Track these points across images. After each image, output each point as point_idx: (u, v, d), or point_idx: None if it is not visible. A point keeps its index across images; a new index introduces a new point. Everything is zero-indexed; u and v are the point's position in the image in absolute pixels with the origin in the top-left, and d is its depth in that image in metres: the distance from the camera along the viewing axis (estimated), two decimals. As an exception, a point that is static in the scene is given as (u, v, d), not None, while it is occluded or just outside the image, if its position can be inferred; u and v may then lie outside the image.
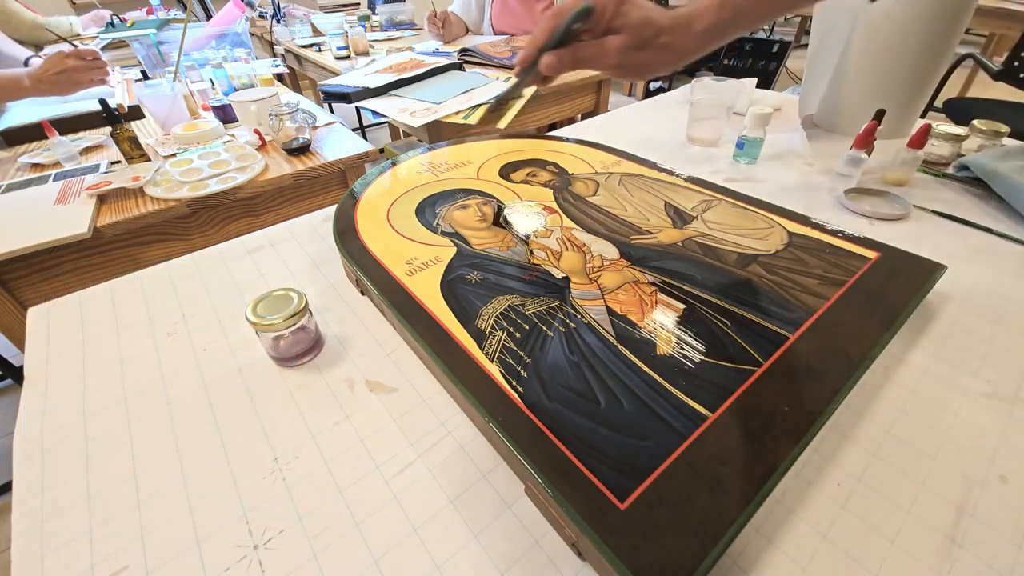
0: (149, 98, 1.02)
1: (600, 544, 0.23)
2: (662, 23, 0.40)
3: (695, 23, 0.40)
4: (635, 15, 0.38)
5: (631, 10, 0.38)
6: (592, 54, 0.39)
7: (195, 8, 2.18)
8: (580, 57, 0.40)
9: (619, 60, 0.39)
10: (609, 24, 0.39)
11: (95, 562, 0.28)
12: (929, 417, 0.32)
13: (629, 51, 0.39)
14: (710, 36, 0.41)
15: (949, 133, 0.60)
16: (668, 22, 0.40)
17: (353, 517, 0.29)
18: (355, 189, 0.56)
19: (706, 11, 0.40)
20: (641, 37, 0.39)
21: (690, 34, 0.40)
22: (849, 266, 0.41)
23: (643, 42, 0.39)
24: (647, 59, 0.40)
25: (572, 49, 0.39)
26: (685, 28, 0.40)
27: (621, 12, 0.38)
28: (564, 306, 0.38)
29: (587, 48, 0.39)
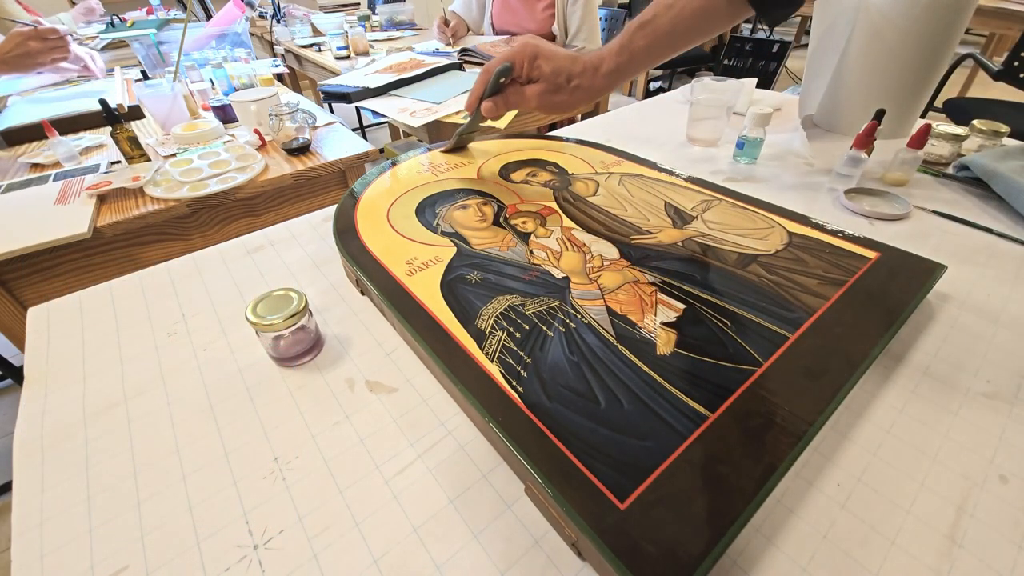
0: (149, 98, 1.02)
1: (600, 544, 0.23)
2: (573, 70, 0.49)
3: (601, 66, 0.50)
4: (547, 67, 0.49)
5: (543, 64, 0.49)
6: (518, 100, 0.51)
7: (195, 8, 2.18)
8: (509, 102, 0.51)
9: (539, 103, 0.50)
10: (528, 75, 0.50)
11: (95, 562, 0.28)
12: (929, 417, 0.32)
13: (546, 95, 0.50)
14: (614, 76, 0.50)
15: (949, 133, 0.60)
16: (578, 68, 0.49)
17: (353, 517, 0.29)
18: (355, 189, 0.56)
19: (609, 56, 0.50)
20: (555, 84, 0.49)
21: (597, 76, 0.50)
22: (849, 266, 0.41)
23: (557, 87, 0.50)
24: (563, 99, 0.51)
25: (503, 96, 0.51)
26: (592, 72, 0.50)
27: (536, 66, 0.49)
28: (564, 306, 0.38)
29: (513, 95, 0.51)
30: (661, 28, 0.48)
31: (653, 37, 0.49)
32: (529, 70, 0.49)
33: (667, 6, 0.48)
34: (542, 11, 1.55)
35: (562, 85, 0.49)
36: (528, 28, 1.58)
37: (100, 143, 1.00)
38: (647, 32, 0.49)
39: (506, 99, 0.51)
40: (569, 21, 1.52)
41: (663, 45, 0.49)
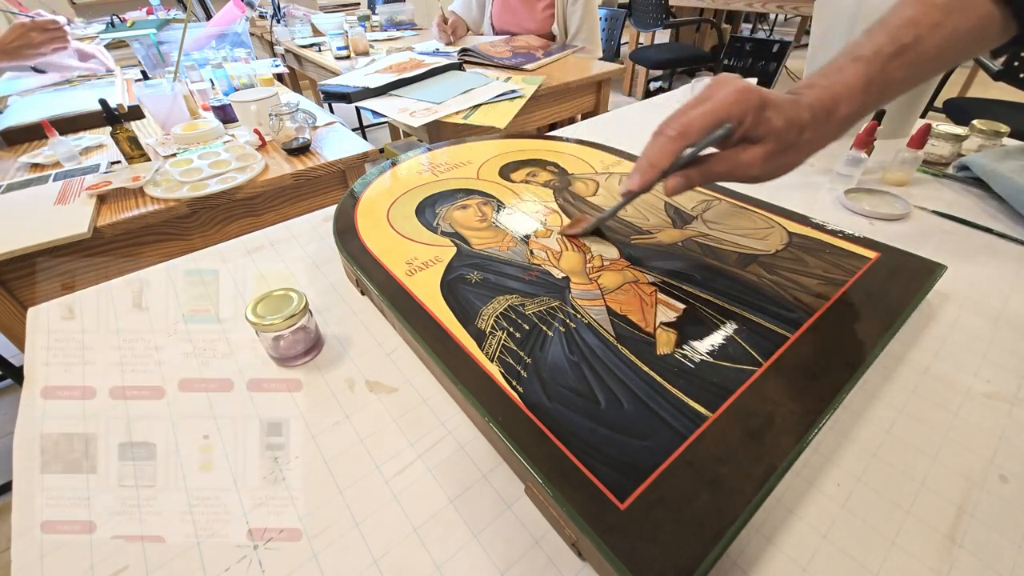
0: (149, 98, 1.02)
1: (600, 544, 0.23)
2: (804, 119, 0.34)
3: (837, 110, 0.35)
4: (778, 122, 0.33)
5: (774, 117, 0.33)
6: (727, 169, 0.36)
7: (195, 8, 2.18)
8: (712, 173, 0.36)
9: (762, 170, 0.35)
10: (750, 133, 0.34)
11: (95, 562, 0.28)
12: (929, 417, 0.32)
13: (774, 157, 0.35)
14: (853, 121, 0.36)
15: (949, 133, 0.60)
16: (809, 116, 0.35)
17: (353, 517, 0.29)
18: (355, 189, 0.56)
19: (849, 95, 0.35)
20: (785, 141, 0.34)
21: (831, 123, 0.35)
22: (849, 266, 0.41)
23: (787, 145, 0.35)
24: (789, 160, 0.36)
25: (702, 169, 0.36)
26: (826, 118, 0.35)
27: (763, 120, 0.33)
28: (564, 306, 0.38)
29: (720, 164, 0.36)
30: (926, 54, 0.35)
31: (915, 68, 0.35)
32: (754, 125, 0.34)
33: (932, 26, 0.35)
34: (542, 11, 1.55)
35: (792, 142, 0.35)
36: (528, 28, 1.58)
37: (100, 143, 1.00)
38: (908, 60, 0.35)
39: (706, 170, 0.36)
40: (569, 21, 1.52)
41: (923, 76, 0.37)
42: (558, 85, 1.20)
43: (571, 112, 1.33)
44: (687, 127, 0.34)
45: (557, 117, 1.30)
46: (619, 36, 2.29)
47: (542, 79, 1.17)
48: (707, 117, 0.33)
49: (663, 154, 0.35)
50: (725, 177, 0.36)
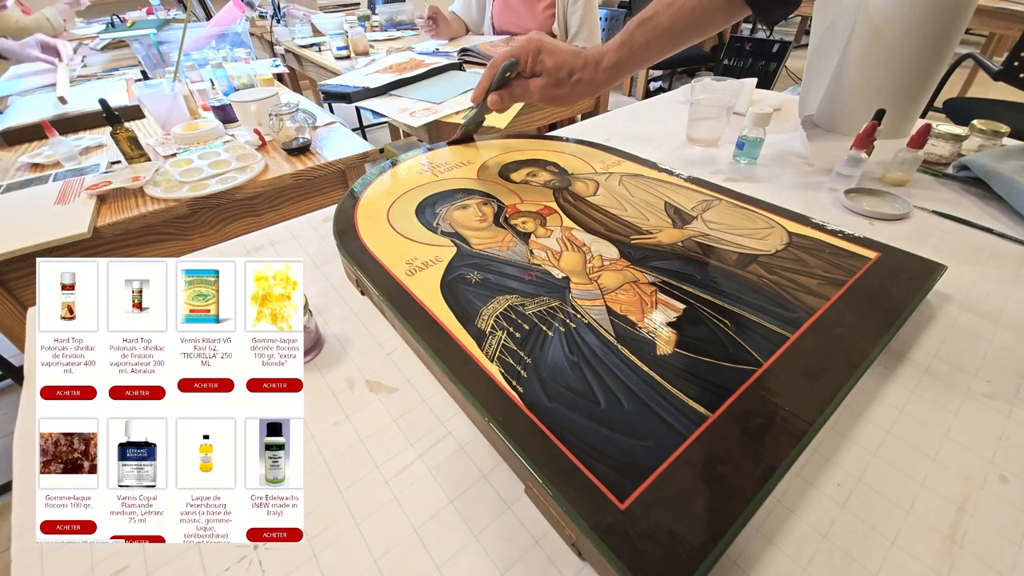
0: (149, 98, 1.02)
1: (600, 544, 0.23)
2: (575, 64, 0.51)
3: (602, 61, 0.51)
4: (550, 62, 0.51)
5: (547, 58, 0.51)
6: (521, 92, 0.54)
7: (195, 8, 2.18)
8: (514, 95, 0.54)
9: (541, 95, 0.53)
10: (532, 69, 0.52)
11: (95, 562, 0.28)
12: (929, 417, 0.32)
13: (549, 88, 0.52)
14: (614, 71, 0.52)
15: (949, 133, 0.60)
16: (580, 63, 0.51)
17: (353, 517, 0.29)
18: (355, 189, 0.56)
19: (610, 51, 0.51)
20: (556, 78, 0.52)
21: (598, 70, 0.51)
22: (849, 266, 0.41)
23: (559, 81, 0.52)
24: (565, 93, 0.53)
25: (508, 89, 0.54)
26: (594, 66, 0.51)
27: (539, 61, 0.51)
28: (564, 306, 0.38)
29: (518, 88, 0.54)
30: (661, 25, 0.50)
31: (653, 34, 0.50)
32: (533, 64, 0.51)
33: (667, 4, 0.50)
34: (542, 11, 1.55)
35: (564, 79, 0.51)
36: (529, 28, 1.58)
37: (100, 143, 1.00)
38: (647, 29, 0.50)
39: (511, 92, 0.54)
40: (569, 21, 1.52)
41: (663, 42, 0.51)
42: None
43: (571, 112, 1.33)
44: (494, 62, 0.53)
45: (557, 117, 1.30)
46: (619, 36, 2.29)
47: (542, 79, 1.17)
48: (504, 56, 0.52)
49: (483, 79, 0.55)
50: (520, 98, 0.55)
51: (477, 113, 0.60)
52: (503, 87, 0.54)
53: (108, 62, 1.71)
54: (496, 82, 0.53)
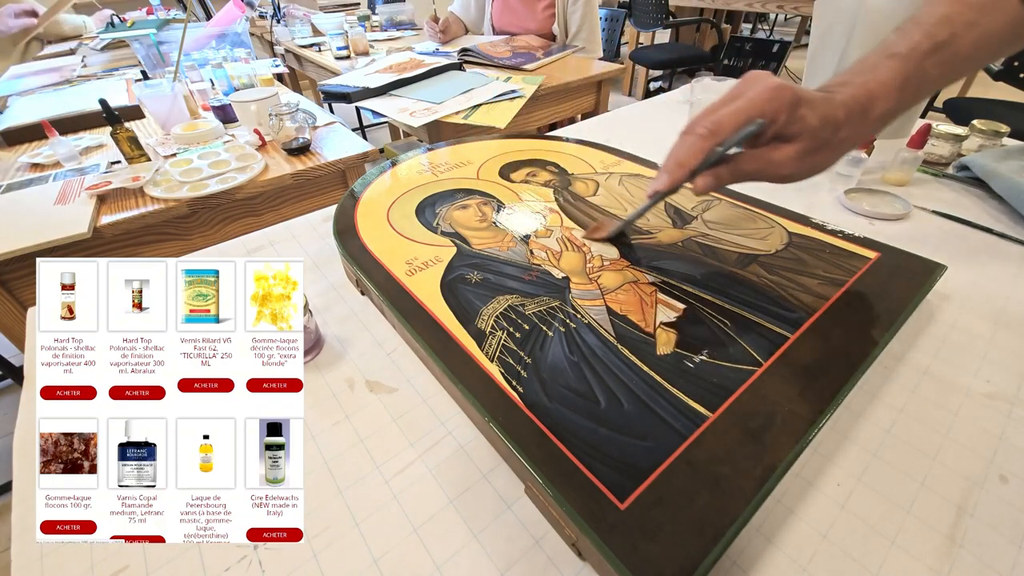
0: (149, 98, 1.01)
1: (600, 544, 0.23)
2: (839, 117, 0.33)
3: (872, 107, 0.34)
4: (813, 120, 0.32)
5: (808, 114, 0.32)
6: (758, 168, 0.34)
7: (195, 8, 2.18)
8: (742, 173, 0.35)
9: (794, 169, 0.34)
10: (784, 132, 0.33)
11: (95, 562, 0.28)
12: (929, 417, 0.32)
13: (806, 157, 0.34)
14: (888, 120, 0.35)
15: (949, 133, 0.60)
16: (844, 114, 0.34)
17: (353, 517, 0.29)
18: (355, 189, 0.56)
19: (885, 92, 0.34)
20: (819, 140, 0.33)
21: (867, 121, 0.34)
22: (849, 266, 0.41)
23: (821, 143, 0.33)
24: (822, 159, 0.35)
25: (732, 167, 0.34)
26: (862, 116, 0.34)
27: (797, 118, 0.32)
28: (564, 306, 0.38)
29: (751, 163, 0.34)
30: (961, 53, 0.35)
31: (951, 66, 0.35)
32: (787, 124, 0.32)
33: (967, 25, 0.35)
34: (542, 11, 1.55)
35: (827, 141, 0.33)
36: (528, 28, 1.58)
37: (100, 143, 1.00)
38: (944, 58, 0.35)
39: (736, 169, 0.34)
40: (569, 21, 1.52)
41: (956, 74, 0.37)
42: (558, 85, 1.20)
43: (571, 112, 1.33)
44: (718, 125, 0.33)
45: (557, 117, 1.30)
46: (619, 36, 2.29)
47: (542, 79, 1.17)
48: (739, 115, 0.32)
49: (692, 153, 0.34)
50: (755, 177, 0.35)
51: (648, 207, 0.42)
52: (723, 163, 0.34)
53: (108, 62, 1.71)
54: (716, 158, 0.33)
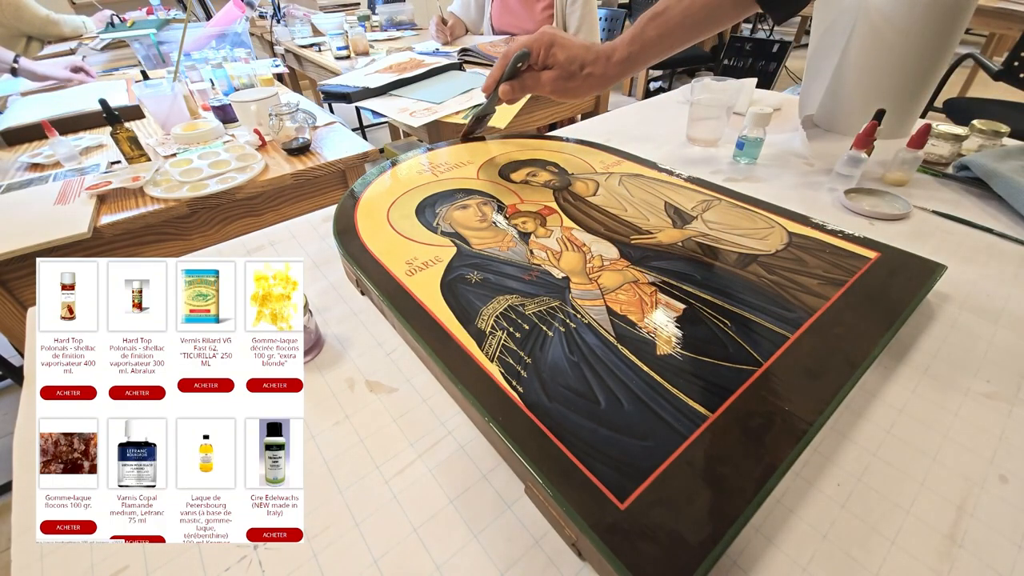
0: (149, 98, 1.02)
1: (600, 544, 0.23)
2: (586, 57, 0.52)
3: (613, 55, 0.52)
4: (562, 55, 0.52)
5: (558, 52, 0.52)
6: (533, 84, 0.54)
7: (195, 8, 2.18)
8: (525, 86, 0.54)
9: (552, 88, 0.53)
10: (544, 62, 0.53)
11: (95, 562, 0.28)
12: (929, 417, 0.32)
13: (559, 80, 0.53)
14: (625, 65, 0.52)
15: (949, 133, 0.60)
16: (591, 56, 0.52)
17: (353, 517, 0.29)
18: (355, 189, 0.56)
19: (621, 45, 0.52)
20: (568, 71, 0.52)
21: (609, 64, 0.52)
22: (849, 266, 0.41)
23: (570, 74, 0.52)
24: (576, 86, 0.53)
25: (519, 80, 0.54)
26: (605, 60, 0.52)
27: (551, 54, 0.52)
28: (564, 306, 0.38)
29: (529, 80, 0.54)
30: (672, 20, 0.51)
31: (665, 28, 0.51)
32: (545, 57, 0.52)
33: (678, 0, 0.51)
34: (541, 11, 1.55)
35: (575, 72, 0.52)
36: (527, 28, 1.58)
37: (100, 143, 1.00)
38: (659, 23, 0.51)
39: (522, 83, 0.54)
40: (568, 21, 1.52)
41: (674, 37, 0.51)
42: (558, 85, 1.19)
43: (571, 112, 1.33)
44: (507, 52, 0.53)
45: (557, 117, 1.30)
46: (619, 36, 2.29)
47: (542, 79, 1.17)
48: (516, 47, 0.52)
49: (494, 69, 0.55)
50: (531, 89, 0.54)
51: (487, 104, 0.61)
52: (514, 78, 0.54)
53: (108, 62, 1.71)
54: (508, 73, 0.53)
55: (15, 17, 1.82)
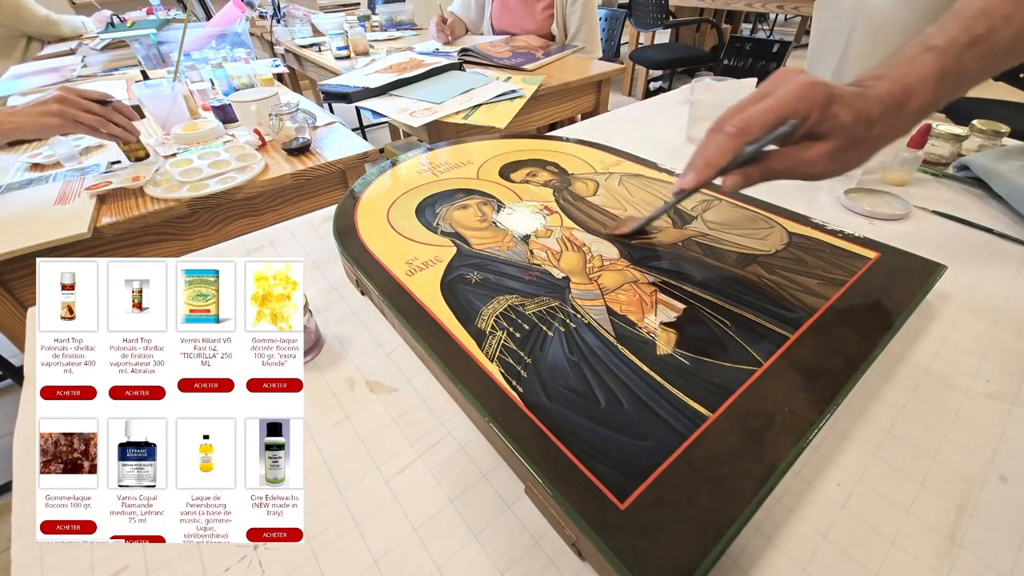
0: (149, 98, 1.01)
1: (600, 544, 0.23)
2: (873, 114, 0.33)
3: (909, 102, 0.33)
4: (846, 117, 0.32)
5: (841, 112, 0.32)
6: (789, 167, 0.34)
7: (195, 8, 2.18)
8: (772, 172, 0.34)
9: (825, 168, 0.33)
10: (816, 129, 0.32)
11: (95, 562, 0.28)
12: (929, 417, 0.32)
13: (839, 155, 0.33)
14: (924, 115, 0.34)
15: (949, 133, 0.60)
16: (879, 110, 0.33)
17: (353, 517, 0.29)
18: (355, 189, 0.56)
19: (922, 86, 0.33)
20: (852, 138, 0.33)
21: (903, 116, 0.33)
22: (849, 266, 0.41)
23: (854, 142, 0.33)
24: (855, 157, 0.34)
25: (761, 167, 0.34)
26: (897, 111, 0.33)
27: (829, 115, 0.32)
28: (564, 306, 0.38)
29: (781, 162, 0.34)
30: (999, 46, 0.34)
31: (989, 59, 0.34)
32: (819, 121, 0.32)
33: (1005, 18, 0.34)
34: (541, 11, 1.55)
35: (860, 138, 0.33)
36: (528, 28, 1.58)
37: (100, 143, 1.00)
38: (982, 51, 0.34)
39: (766, 168, 0.34)
40: (568, 21, 1.52)
41: (993, 68, 0.36)
42: (558, 85, 1.19)
43: (571, 112, 1.33)
44: (748, 124, 0.32)
45: (557, 117, 1.30)
46: (619, 36, 2.29)
47: (542, 79, 1.17)
48: (770, 114, 0.32)
49: (721, 152, 0.33)
50: (786, 175, 0.34)
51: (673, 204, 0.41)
52: (751, 162, 0.34)
53: (108, 62, 1.71)
54: (750, 154, 0.33)
55: (15, 17, 1.82)
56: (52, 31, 1.96)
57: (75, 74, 1.51)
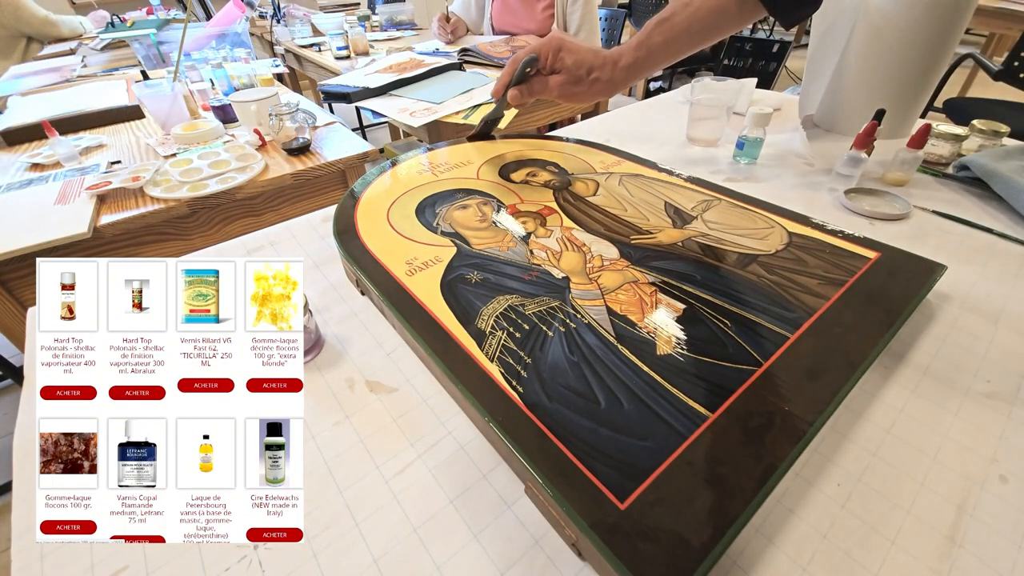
0: (149, 98, 1.02)
1: (600, 544, 0.23)
2: (593, 62, 0.52)
3: (620, 60, 0.52)
4: (569, 59, 0.52)
5: (566, 56, 0.52)
6: (541, 88, 0.55)
7: (195, 8, 2.18)
8: (533, 90, 0.55)
9: (560, 92, 0.54)
10: (552, 66, 0.53)
11: (95, 562, 0.28)
12: (929, 417, 0.32)
13: (567, 85, 0.53)
14: (632, 70, 0.53)
15: (949, 133, 0.60)
16: (599, 61, 0.52)
17: (353, 517, 0.29)
18: (355, 189, 0.56)
19: (628, 51, 0.53)
20: (575, 75, 0.53)
21: (616, 69, 0.52)
22: (849, 266, 0.41)
23: (577, 79, 0.53)
24: (582, 90, 0.54)
25: (528, 85, 0.55)
26: (612, 65, 0.52)
27: (559, 58, 0.53)
28: (564, 306, 0.38)
29: (537, 84, 0.55)
30: (678, 25, 0.51)
31: (671, 34, 0.51)
32: (553, 61, 0.53)
33: (684, 4, 0.50)
34: (542, 11, 1.55)
35: (582, 77, 0.52)
36: (528, 28, 1.58)
37: (100, 143, 1.00)
38: (665, 29, 0.51)
39: (530, 88, 0.55)
40: (569, 21, 1.52)
41: (680, 42, 0.51)
42: (558, 85, 1.19)
43: (571, 112, 1.33)
44: (515, 58, 0.54)
45: (557, 117, 1.30)
46: (619, 36, 2.29)
47: (542, 79, 1.17)
48: (525, 53, 0.54)
49: (503, 74, 0.56)
50: (539, 93, 0.55)
51: (496, 108, 0.62)
52: (523, 82, 0.55)
53: (108, 62, 1.71)
54: (517, 77, 0.54)
55: (14, 17, 1.82)
56: (51, 31, 1.96)
57: (75, 74, 1.51)
